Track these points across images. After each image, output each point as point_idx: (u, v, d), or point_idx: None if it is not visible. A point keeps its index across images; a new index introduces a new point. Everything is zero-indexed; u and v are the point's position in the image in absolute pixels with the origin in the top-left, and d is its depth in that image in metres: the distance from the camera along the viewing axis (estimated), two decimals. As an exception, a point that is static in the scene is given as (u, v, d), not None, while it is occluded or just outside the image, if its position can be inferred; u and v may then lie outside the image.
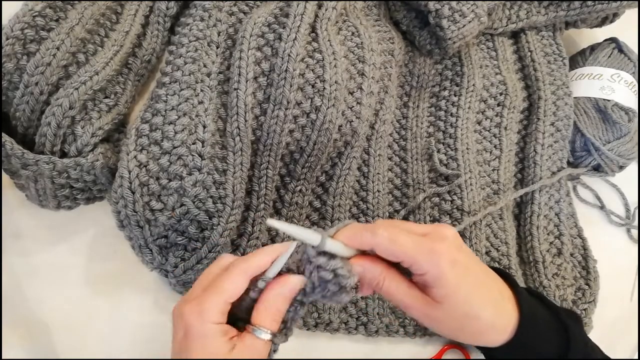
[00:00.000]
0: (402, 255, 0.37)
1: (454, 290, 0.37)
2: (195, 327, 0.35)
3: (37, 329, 0.53)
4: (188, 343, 0.36)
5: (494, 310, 0.39)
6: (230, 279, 0.37)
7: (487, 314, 0.39)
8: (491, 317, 0.39)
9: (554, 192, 0.62)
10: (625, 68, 0.65)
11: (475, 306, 0.38)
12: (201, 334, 0.35)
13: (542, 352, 0.41)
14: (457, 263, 0.38)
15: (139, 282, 0.55)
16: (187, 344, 0.36)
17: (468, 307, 0.38)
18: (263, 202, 0.56)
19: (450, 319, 0.38)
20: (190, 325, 0.36)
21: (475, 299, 0.39)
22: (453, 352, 0.58)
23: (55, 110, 0.48)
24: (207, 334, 0.36)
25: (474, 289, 0.39)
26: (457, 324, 0.38)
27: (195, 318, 0.36)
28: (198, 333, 0.36)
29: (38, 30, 0.50)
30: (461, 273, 0.38)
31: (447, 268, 0.37)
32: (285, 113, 0.54)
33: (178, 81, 0.54)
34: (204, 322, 0.36)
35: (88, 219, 0.56)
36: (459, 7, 0.59)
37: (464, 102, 0.63)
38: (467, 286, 0.38)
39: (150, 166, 0.50)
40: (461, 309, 0.38)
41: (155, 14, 0.59)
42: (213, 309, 0.36)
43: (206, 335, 0.35)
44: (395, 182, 0.61)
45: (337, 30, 0.58)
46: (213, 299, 0.36)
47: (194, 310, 0.36)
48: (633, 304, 0.63)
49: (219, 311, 0.36)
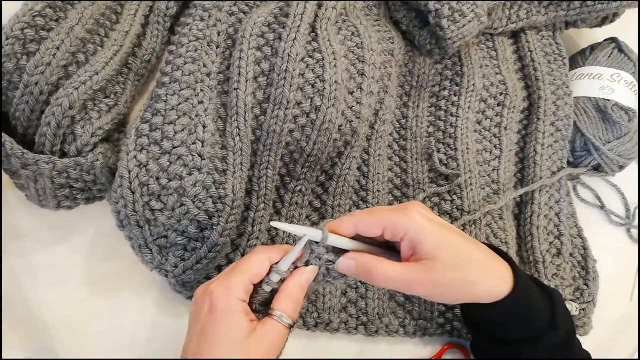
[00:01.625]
0: (380, 221, 0.39)
1: (439, 240, 0.39)
2: (222, 302, 0.37)
3: (37, 329, 0.53)
4: (214, 317, 0.37)
5: (486, 258, 0.41)
6: (255, 260, 0.39)
7: (482, 258, 0.40)
8: (487, 262, 0.40)
9: (554, 192, 0.62)
10: (625, 68, 0.65)
11: (467, 250, 0.40)
12: (227, 309, 0.37)
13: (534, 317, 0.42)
14: (433, 220, 0.40)
15: (139, 282, 0.55)
16: (213, 319, 0.37)
17: (460, 252, 0.39)
18: (263, 202, 0.56)
19: (447, 271, 0.38)
20: (217, 300, 0.37)
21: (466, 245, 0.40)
22: (453, 352, 0.58)
23: (55, 110, 0.48)
24: (233, 309, 0.37)
25: (461, 237, 0.40)
26: (455, 274, 0.39)
27: (222, 293, 0.37)
28: (224, 308, 0.37)
29: (38, 30, 0.50)
30: (440, 225, 0.40)
31: (425, 222, 0.39)
32: (285, 113, 0.54)
33: (178, 81, 0.54)
34: (231, 298, 0.37)
35: (88, 219, 0.56)
36: (459, 7, 0.59)
37: (464, 102, 0.63)
38: (452, 234, 0.40)
39: (150, 166, 0.50)
40: (454, 256, 0.39)
41: (155, 14, 0.59)
42: (239, 285, 0.38)
43: (232, 311, 0.37)
44: (395, 182, 0.61)
45: (337, 30, 0.58)
46: (239, 276, 0.38)
47: (221, 285, 0.38)
48: (633, 304, 0.63)
49: (244, 289, 0.38)
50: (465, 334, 0.56)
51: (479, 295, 0.40)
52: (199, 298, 0.39)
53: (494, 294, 0.40)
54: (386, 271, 0.39)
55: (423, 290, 0.39)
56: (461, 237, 0.40)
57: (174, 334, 0.55)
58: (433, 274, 0.38)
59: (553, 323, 0.42)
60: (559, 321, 0.42)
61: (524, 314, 0.42)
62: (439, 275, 0.38)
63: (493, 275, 0.40)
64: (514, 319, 0.42)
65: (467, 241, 0.41)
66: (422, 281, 0.39)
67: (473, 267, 0.39)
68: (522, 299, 0.41)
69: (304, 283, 0.40)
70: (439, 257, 0.38)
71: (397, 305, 0.57)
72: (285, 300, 0.39)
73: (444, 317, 0.57)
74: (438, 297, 0.41)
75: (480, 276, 0.40)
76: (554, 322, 0.42)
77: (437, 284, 0.39)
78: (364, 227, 0.40)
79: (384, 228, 0.39)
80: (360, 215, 0.40)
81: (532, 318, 0.42)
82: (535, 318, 0.42)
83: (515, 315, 0.41)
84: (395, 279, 0.39)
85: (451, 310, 0.57)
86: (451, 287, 0.39)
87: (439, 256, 0.38)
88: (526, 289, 0.41)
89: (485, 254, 0.41)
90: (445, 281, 0.39)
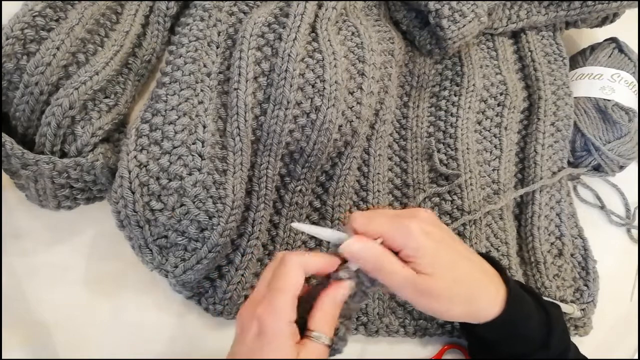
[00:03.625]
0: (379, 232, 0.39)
1: (435, 258, 0.39)
2: (270, 326, 0.37)
3: (37, 329, 0.53)
4: (262, 342, 0.36)
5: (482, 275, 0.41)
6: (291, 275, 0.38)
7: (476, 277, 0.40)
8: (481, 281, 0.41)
9: (555, 192, 0.62)
10: (625, 68, 0.65)
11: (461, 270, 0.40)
12: (276, 333, 0.36)
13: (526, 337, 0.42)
14: (431, 234, 0.39)
15: (139, 282, 0.55)
16: (260, 344, 0.37)
17: (456, 272, 0.39)
18: (263, 202, 0.56)
19: (442, 288, 0.39)
20: (265, 325, 0.37)
21: (461, 264, 0.40)
22: (453, 352, 0.58)
23: (55, 110, 0.48)
24: (281, 333, 0.37)
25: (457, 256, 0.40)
26: (450, 292, 0.39)
27: (270, 318, 0.37)
28: (273, 332, 0.36)
29: (38, 30, 0.50)
30: (437, 242, 0.39)
31: (421, 238, 0.39)
32: (285, 113, 0.54)
33: (178, 81, 0.54)
34: (279, 321, 0.37)
35: (88, 219, 0.56)
36: (459, 7, 0.59)
37: (464, 102, 0.63)
38: (449, 253, 0.40)
39: (150, 166, 0.50)
40: (450, 275, 0.39)
41: (155, 14, 0.59)
42: (286, 307, 0.37)
43: (280, 335, 0.37)
44: (396, 182, 0.61)
45: (337, 30, 0.58)
46: (282, 297, 0.37)
47: (268, 310, 0.37)
48: (633, 304, 0.63)
49: (290, 308, 0.37)
50: (465, 334, 0.56)
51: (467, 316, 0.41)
52: (245, 322, 0.38)
53: (482, 314, 0.41)
54: (393, 267, 0.39)
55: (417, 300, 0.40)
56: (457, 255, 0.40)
57: (174, 334, 0.55)
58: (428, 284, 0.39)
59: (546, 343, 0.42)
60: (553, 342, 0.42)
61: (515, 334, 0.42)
62: (434, 289, 0.39)
63: (485, 297, 0.41)
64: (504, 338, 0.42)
65: (463, 260, 0.41)
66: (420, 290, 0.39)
67: (466, 288, 0.40)
68: (512, 320, 0.41)
69: (339, 299, 0.39)
70: (434, 275, 0.38)
71: (397, 305, 0.57)
72: (321, 320, 0.39)
73: (444, 317, 0.57)
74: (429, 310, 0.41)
75: (472, 297, 0.40)
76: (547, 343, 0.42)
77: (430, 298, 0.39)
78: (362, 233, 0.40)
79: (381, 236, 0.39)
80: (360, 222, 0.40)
81: (524, 338, 0.42)
82: (527, 338, 0.42)
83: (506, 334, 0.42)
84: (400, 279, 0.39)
85: (451, 310, 0.57)
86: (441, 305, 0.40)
87: (434, 274, 0.38)
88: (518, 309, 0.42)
89: (479, 273, 0.41)
90: (441, 299, 0.39)
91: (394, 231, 0.39)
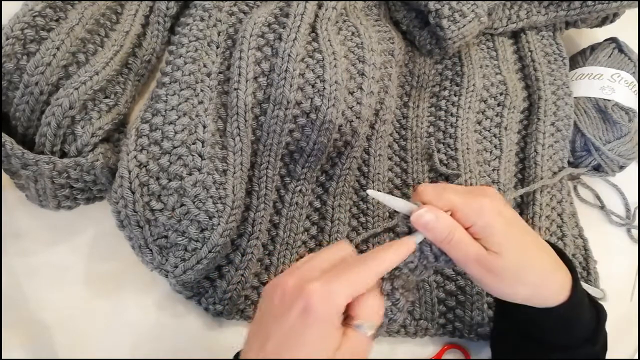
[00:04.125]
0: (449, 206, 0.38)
1: (505, 238, 0.38)
2: (321, 309, 0.32)
3: (37, 329, 0.53)
4: (305, 323, 0.33)
5: (550, 260, 0.40)
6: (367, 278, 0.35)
7: (544, 262, 0.39)
8: (549, 267, 0.40)
9: (555, 193, 0.62)
10: (625, 68, 0.65)
11: (530, 253, 0.39)
12: (324, 319, 0.33)
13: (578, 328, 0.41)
14: (503, 214, 0.38)
15: (139, 282, 0.55)
16: (303, 324, 0.33)
17: (524, 255, 0.38)
18: (263, 202, 0.56)
19: (510, 269, 0.38)
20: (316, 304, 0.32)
21: (530, 246, 0.39)
22: (453, 352, 0.58)
23: (55, 110, 0.48)
24: (329, 319, 0.33)
25: (527, 239, 0.39)
26: (516, 274, 0.38)
27: (323, 299, 0.33)
28: (322, 317, 0.33)
29: (38, 30, 0.50)
30: (508, 222, 0.38)
31: (494, 216, 0.38)
32: (285, 113, 0.54)
33: (178, 81, 0.54)
34: (331, 305, 0.33)
35: (88, 219, 0.56)
36: (459, 7, 0.59)
37: (464, 102, 0.63)
38: (519, 235, 0.39)
39: (150, 166, 0.50)
40: (519, 257, 0.38)
41: (155, 14, 0.59)
42: (342, 295, 0.33)
43: (328, 322, 0.33)
44: (396, 182, 0.61)
45: (337, 30, 0.58)
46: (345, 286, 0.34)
47: (322, 289, 0.33)
48: (633, 304, 0.63)
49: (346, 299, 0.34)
50: (467, 334, 0.56)
51: (532, 299, 0.40)
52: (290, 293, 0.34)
53: (548, 300, 0.40)
54: (464, 240, 0.38)
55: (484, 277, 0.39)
56: (528, 237, 0.40)
57: (174, 334, 0.55)
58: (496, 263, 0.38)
59: (593, 338, 0.42)
60: (600, 337, 0.42)
61: (570, 324, 0.41)
62: (501, 269, 0.38)
63: (551, 283, 0.40)
64: (558, 326, 0.41)
65: (534, 244, 0.40)
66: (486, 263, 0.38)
67: (533, 272, 0.39)
68: (572, 310, 0.40)
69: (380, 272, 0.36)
70: (503, 255, 0.37)
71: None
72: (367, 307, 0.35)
73: (445, 317, 0.57)
74: (493, 289, 0.40)
75: (538, 281, 0.39)
76: (594, 337, 0.42)
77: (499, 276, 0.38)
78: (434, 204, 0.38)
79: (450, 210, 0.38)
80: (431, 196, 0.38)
81: (577, 329, 0.42)
82: (580, 329, 0.42)
83: (561, 323, 0.41)
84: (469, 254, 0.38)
85: (452, 310, 0.57)
86: (510, 286, 0.39)
87: (503, 253, 0.37)
88: (579, 301, 0.41)
89: (549, 259, 0.40)
90: (506, 279, 0.38)
91: (466, 207, 0.38)
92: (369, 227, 0.59)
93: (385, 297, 0.37)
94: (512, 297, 0.40)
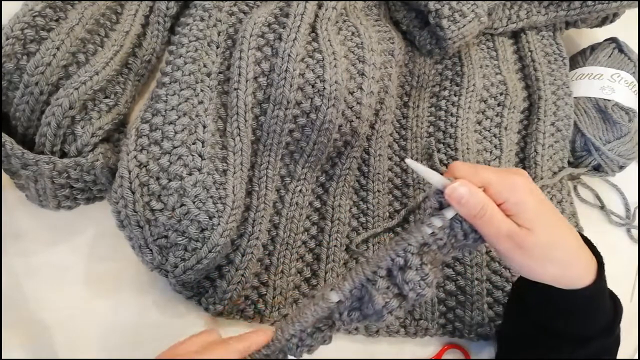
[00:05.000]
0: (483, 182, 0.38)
1: (537, 215, 0.38)
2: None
3: (37, 329, 0.53)
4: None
5: (577, 244, 0.40)
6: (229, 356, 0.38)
7: (573, 243, 0.40)
8: (577, 248, 0.40)
9: (556, 193, 0.62)
10: (625, 68, 0.65)
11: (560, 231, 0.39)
12: None
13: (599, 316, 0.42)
14: (535, 192, 0.39)
15: (139, 282, 0.55)
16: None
17: (555, 232, 0.39)
18: (263, 202, 0.56)
19: (540, 246, 0.38)
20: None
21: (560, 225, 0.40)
22: (453, 352, 0.58)
23: (55, 110, 0.48)
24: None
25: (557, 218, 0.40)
26: (546, 252, 0.38)
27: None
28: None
29: (38, 30, 0.50)
30: (540, 201, 0.39)
31: (527, 193, 0.38)
32: (285, 113, 0.54)
33: (178, 81, 0.54)
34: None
35: (88, 219, 0.56)
36: (459, 7, 0.59)
37: (464, 102, 0.63)
38: (550, 214, 0.39)
39: (150, 166, 0.50)
40: (550, 234, 0.38)
41: (155, 14, 0.59)
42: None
43: None
44: (396, 181, 0.61)
45: (337, 30, 0.58)
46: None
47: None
48: (633, 304, 0.63)
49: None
50: (467, 334, 0.56)
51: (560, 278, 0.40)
52: None
53: (575, 281, 0.40)
54: (496, 216, 0.38)
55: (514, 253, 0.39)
56: (558, 218, 0.40)
57: (174, 334, 0.55)
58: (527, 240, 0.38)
59: (611, 328, 0.42)
60: (616, 328, 0.42)
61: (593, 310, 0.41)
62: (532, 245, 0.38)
63: (580, 263, 0.40)
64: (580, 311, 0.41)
65: (563, 223, 0.40)
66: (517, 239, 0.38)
67: (563, 250, 0.39)
68: (596, 295, 0.41)
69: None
70: (535, 231, 0.38)
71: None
72: None
73: (445, 317, 0.57)
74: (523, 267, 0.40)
75: (567, 260, 0.39)
76: (611, 327, 0.42)
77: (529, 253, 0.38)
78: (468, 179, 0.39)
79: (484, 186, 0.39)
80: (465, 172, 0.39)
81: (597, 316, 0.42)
82: (600, 317, 0.42)
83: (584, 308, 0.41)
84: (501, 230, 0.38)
85: (452, 310, 0.57)
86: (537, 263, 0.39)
87: (535, 230, 0.38)
88: (603, 286, 0.41)
89: (577, 240, 0.41)
90: (535, 256, 0.38)
91: (500, 184, 0.38)
92: (369, 227, 0.59)
93: (414, 272, 0.38)
94: (541, 275, 0.40)
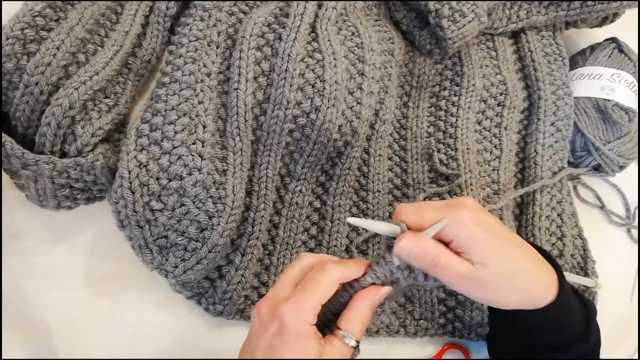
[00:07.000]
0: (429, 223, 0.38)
1: (488, 248, 0.38)
2: (293, 326, 0.37)
3: (37, 329, 0.53)
4: (283, 341, 0.37)
5: (535, 262, 0.40)
6: (327, 284, 0.38)
7: (530, 266, 0.40)
8: (535, 269, 0.40)
9: (555, 193, 0.62)
10: (625, 68, 0.65)
11: (515, 258, 0.39)
12: (298, 334, 0.37)
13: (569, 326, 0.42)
14: (483, 223, 0.39)
15: (139, 282, 0.55)
16: (282, 340, 0.37)
17: (510, 261, 0.39)
18: (263, 202, 0.56)
19: (497, 279, 0.38)
20: (288, 323, 0.37)
21: (514, 252, 0.39)
22: (453, 352, 0.58)
23: (55, 110, 0.48)
24: (303, 334, 0.37)
25: (509, 245, 0.40)
26: (505, 283, 0.39)
27: (293, 318, 0.37)
28: (295, 333, 0.37)
29: (38, 30, 0.50)
30: (489, 231, 0.38)
31: (474, 227, 0.38)
32: (285, 113, 0.54)
33: (178, 81, 0.54)
34: (302, 323, 0.37)
35: (88, 219, 0.56)
36: (459, 7, 0.59)
37: (464, 102, 0.63)
38: (501, 242, 0.39)
39: (150, 166, 0.50)
40: (505, 264, 0.38)
41: (155, 14, 0.59)
42: (310, 310, 0.37)
43: (303, 336, 0.37)
44: (395, 182, 0.61)
45: (337, 30, 0.58)
46: (310, 300, 0.38)
47: (291, 309, 0.37)
48: (633, 304, 0.63)
49: (315, 312, 0.38)
50: (467, 334, 0.56)
51: (523, 304, 0.40)
52: (265, 317, 0.38)
53: (538, 302, 0.40)
54: (450, 261, 0.38)
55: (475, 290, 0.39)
56: (511, 243, 0.40)
57: (174, 334, 0.55)
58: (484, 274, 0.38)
59: (585, 334, 0.42)
60: (591, 333, 0.42)
61: (561, 322, 0.42)
62: (491, 279, 0.38)
63: (540, 283, 0.40)
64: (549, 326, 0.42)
65: (516, 248, 0.40)
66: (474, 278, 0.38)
67: (521, 276, 0.39)
68: (561, 308, 0.41)
69: (375, 302, 0.39)
70: (488, 265, 0.38)
71: (397, 306, 0.57)
72: (354, 320, 0.39)
73: (445, 317, 0.57)
74: (485, 300, 0.41)
75: (527, 285, 0.40)
76: (585, 334, 0.42)
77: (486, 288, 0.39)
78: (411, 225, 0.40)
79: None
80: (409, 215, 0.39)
81: (568, 327, 0.42)
82: (570, 327, 0.42)
83: (551, 322, 0.41)
84: (457, 273, 0.38)
85: (452, 310, 0.57)
86: (498, 295, 0.39)
87: (488, 264, 0.38)
88: (567, 298, 0.41)
89: (533, 261, 0.41)
90: (497, 288, 0.39)
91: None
92: (369, 227, 0.59)
93: None
94: (505, 304, 0.40)
